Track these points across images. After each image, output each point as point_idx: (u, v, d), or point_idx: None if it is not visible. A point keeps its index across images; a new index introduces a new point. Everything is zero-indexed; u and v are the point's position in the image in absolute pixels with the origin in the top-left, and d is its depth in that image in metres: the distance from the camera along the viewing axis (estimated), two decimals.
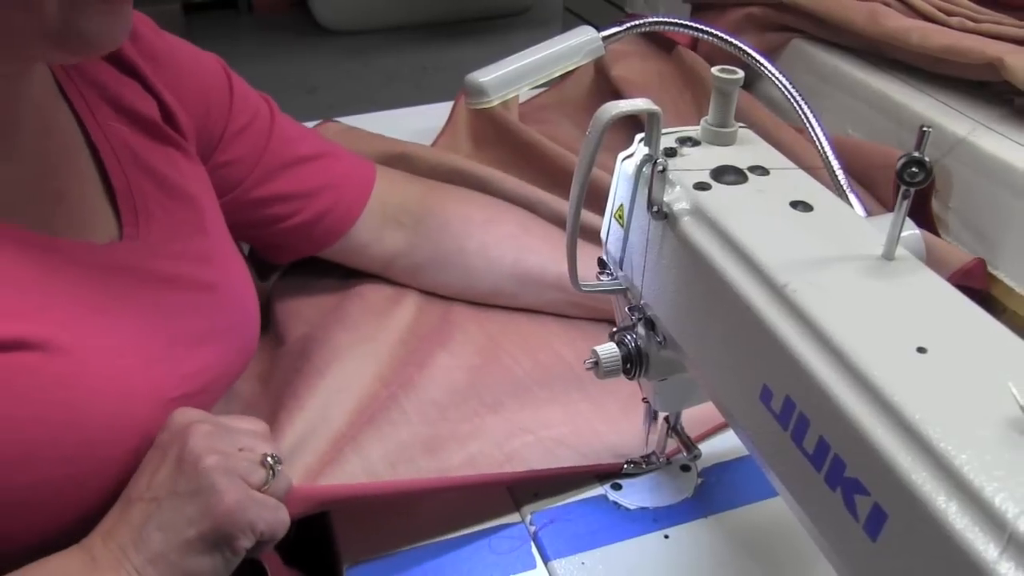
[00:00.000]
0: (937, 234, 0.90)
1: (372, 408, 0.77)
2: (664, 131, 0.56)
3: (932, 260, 0.85)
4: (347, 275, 0.90)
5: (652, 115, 0.52)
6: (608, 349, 0.61)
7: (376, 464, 0.71)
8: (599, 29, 0.84)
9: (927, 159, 0.44)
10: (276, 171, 0.80)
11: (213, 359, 0.66)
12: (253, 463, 0.57)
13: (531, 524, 0.68)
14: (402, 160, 0.97)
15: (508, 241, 0.88)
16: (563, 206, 0.90)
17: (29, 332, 0.53)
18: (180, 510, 0.54)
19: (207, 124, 0.74)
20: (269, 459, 0.58)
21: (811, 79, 1.07)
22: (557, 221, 0.91)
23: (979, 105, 0.91)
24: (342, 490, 0.66)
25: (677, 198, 0.53)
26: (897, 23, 0.97)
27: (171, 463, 0.55)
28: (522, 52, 0.79)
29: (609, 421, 0.76)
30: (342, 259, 0.88)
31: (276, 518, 0.56)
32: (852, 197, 0.73)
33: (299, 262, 0.90)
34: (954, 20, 0.95)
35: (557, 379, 0.81)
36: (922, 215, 0.91)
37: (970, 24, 0.94)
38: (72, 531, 0.55)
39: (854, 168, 0.92)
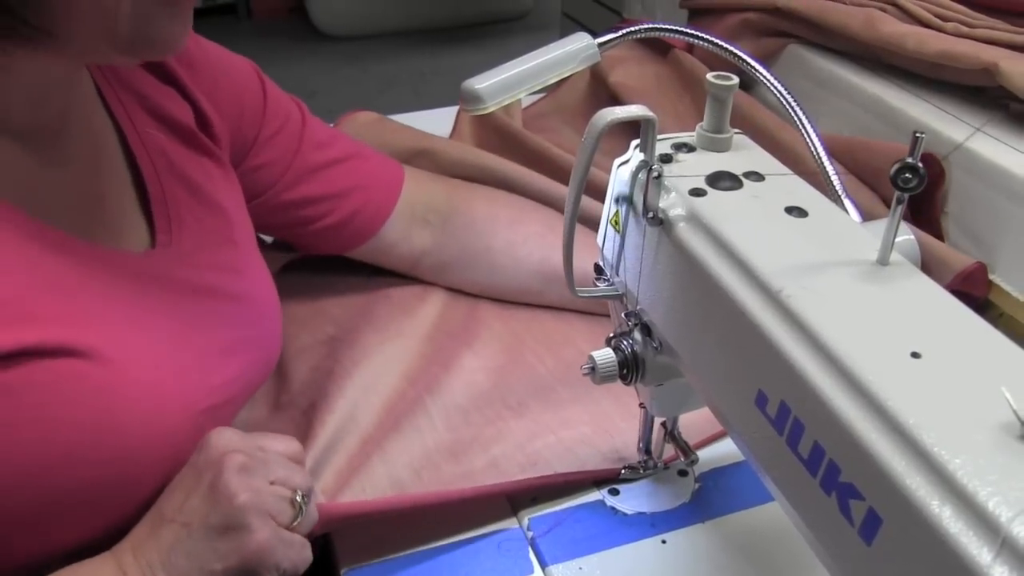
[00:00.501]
0: (942, 238, 0.91)
1: (399, 408, 0.78)
2: (660, 137, 0.57)
3: (935, 263, 0.86)
4: (373, 272, 0.92)
5: (647, 121, 0.53)
6: (604, 354, 0.61)
7: (401, 471, 0.72)
8: (596, 34, 0.84)
9: (920, 165, 0.44)
10: (307, 174, 0.81)
11: (240, 370, 0.67)
12: (283, 500, 0.58)
13: (529, 530, 0.68)
14: (426, 155, 0.98)
15: (535, 240, 0.89)
16: (588, 204, 0.91)
17: (77, 339, 0.54)
18: (210, 542, 0.54)
19: (241, 128, 0.75)
20: (298, 498, 0.58)
21: (807, 84, 1.08)
22: (582, 220, 0.92)
23: (975, 110, 0.91)
24: (358, 507, 0.67)
25: (672, 204, 0.54)
26: (893, 28, 0.97)
27: (204, 491, 0.56)
28: (518, 59, 0.79)
29: (631, 417, 0.77)
30: (371, 258, 0.90)
31: (300, 556, 0.58)
32: (847, 202, 0.73)
33: (324, 260, 0.91)
34: (949, 26, 0.95)
35: (580, 377, 0.81)
36: (928, 218, 0.91)
37: (965, 29, 0.94)
38: (105, 537, 0.56)
39: (865, 167, 0.93)
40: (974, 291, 0.87)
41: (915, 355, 0.42)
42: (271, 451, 0.60)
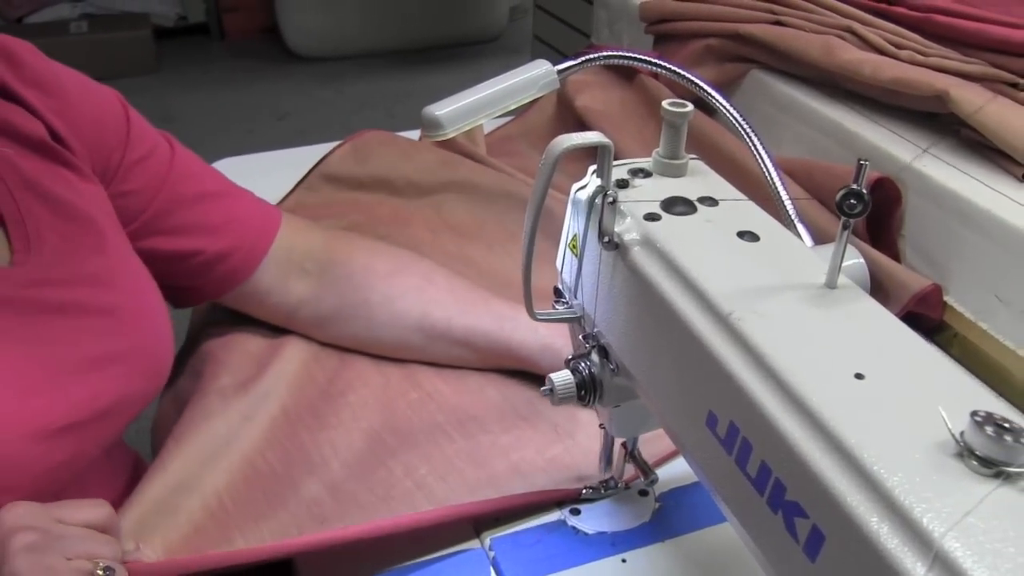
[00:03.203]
0: (899, 259, 0.93)
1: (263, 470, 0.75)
2: (618, 163, 0.58)
3: (892, 284, 0.88)
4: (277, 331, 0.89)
5: (603, 148, 0.54)
6: (563, 377, 0.62)
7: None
8: (565, 57, 0.86)
9: (865, 191, 0.46)
10: (179, 202, 0.78)
11: (111, 383, 0.65)
12: (80, 574, 0.54)
13: (490, 550, 0.69)
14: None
15: (413, 294, 0.86)
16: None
17: None
18: None
19: (103, 152, 0.73)
20: (100, 571, 0.55)
21: (769, 108, 1.10)
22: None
23: (928, 135, 0.93)
24: (184, 563, 0.62)
25: (628, 229, 0.55)
26: (851, 55, 0.99)
27: None
28: (479, 85, 0.81)
29: (592, 438, 0.77)
30: (245, 307, 0.86)
31: None
32: (800, 227, 0.75)
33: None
34: (904, 53, 0.98)
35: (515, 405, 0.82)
36: (886, 240, 0.93)
37: (919, 58, 0.96)
38: None
39: (824, 189, 0.95)
40: (929, 312, 0.89)
41: (859, 376, 0.43)
42: (72, 522, 0.57)
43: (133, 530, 0.66)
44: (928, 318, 0.89)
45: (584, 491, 0.72)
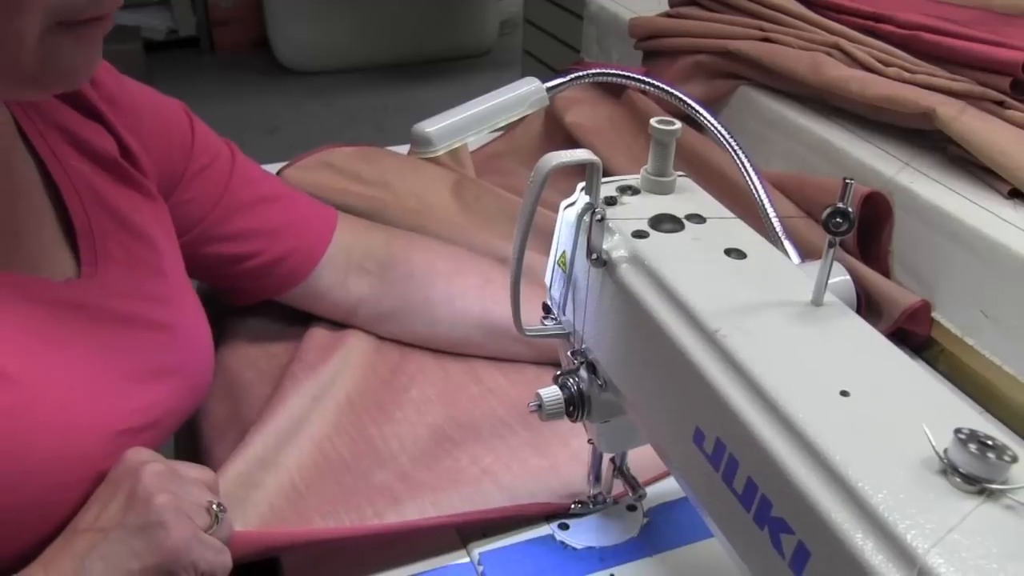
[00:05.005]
0: (889, 274, 0.93)
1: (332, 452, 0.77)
2: (606, 180, 0.59)
3: (882, 300, 0.89)
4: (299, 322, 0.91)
5: (592, 165, 0.54)
6: (551, 392, 0.63)
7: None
8: (555, 71, 0.86)
9: (851, 210, 0.46)
10: (237, 209, 0.81)
11: (164, 395, 0.68)
12: (200, 507, 0.58)
13: (479, 564, 0.69)
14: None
15: (473, 292, 0.88)
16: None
17: None
18: (126, 543, 0.55)
19: (169, 163, 0.75)
20: (215, 507, 0.59)
21: (758, 125, 1.11)
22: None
23: (916, 152, 0.94)
24: (283, 536, 0.67)
25: (616, 246, 0.55)
26: (838, 72, 1.00)
27: (122, 498, 0.57)
28: (468, 102, 0.81)
29: (581, 453, 0.77)
30: (306, 304, 0.89)
31: (219, 560, 0.58)
32: (787, 244, 0.75)
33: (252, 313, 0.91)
34: (891, 71, 0.98)
35: (526, 415, 0.82)
36: (876, 255, 0.94)
37: (906, 75, 0.97)
38: (15, 562, 0.56)
39: (815, 204, 0.95)
40: (918, 328, 0.89)
41: (844, 393, 0.43)
42: (185, 474, 0.61)
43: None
44: (916, 334, 0.90)
45: (573, 506, 0.72)
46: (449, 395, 0.85)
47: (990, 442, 0.38)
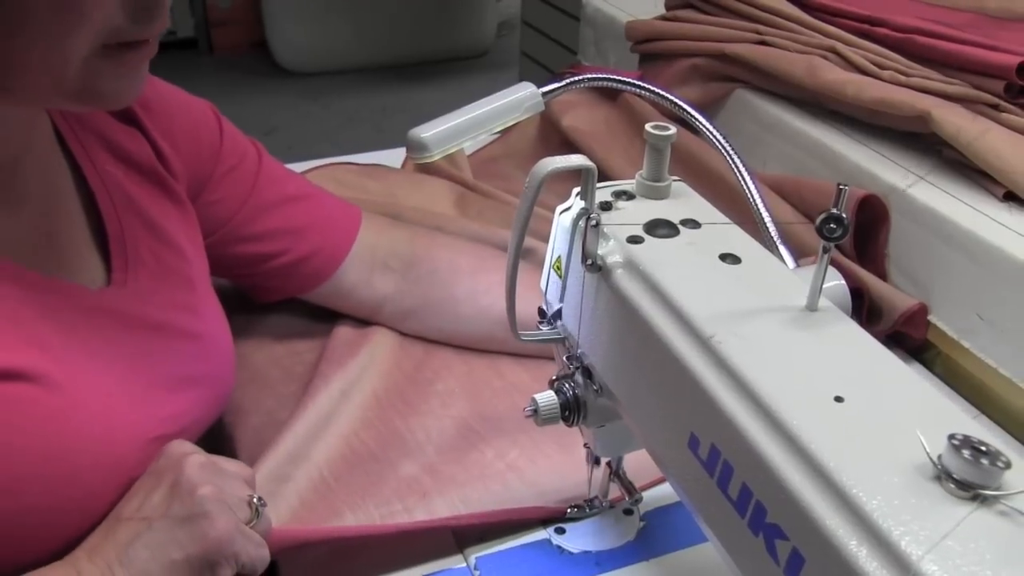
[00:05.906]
0: (885, 277, 0.93)
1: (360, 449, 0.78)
2: (601, 185, 0.59)
3: (880, 304, 0.89)
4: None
5: (587, 171, 0.54)
6: (547, 397, 0.63)
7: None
8: (552, 73, 0.86)
9: (845, 215, 0.46)
10: (263, 209, 0.81)
11: (192, 403, 0.69)
12: (241, 501, 0.59)
13: (475, 568, 0.69)
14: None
15: (497, 289, 0.87)
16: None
17: (27, 365, 0.55)
18: (171, 532, 0.56)
19: (198, 165, 0.76)
20: (255, 500, 0.60)
21: (754, 127, 1.11)
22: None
23: (912, 155, 0.94)
24: (316, 532, 0.67)
25: (611, 251, 0.55)
26: (834, 76, 1.00)
27: (166, 488, 0.58)
28: (464, 107, 0.81)
29: (577, 457, 0.77)
30: (329, 302, 0.89)
31: (259, 553, 0.59)
32: (782, 248, 0.75)
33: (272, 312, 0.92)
34: (886, 74, 0.99)
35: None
36: (873, 257, 0.94)
37: (901, 78, 0.97)
38: (48, 560, 0.57)
39: (813, 207, 0.95)
40: (914, 332, 0.90)
41: (838, 399, 0.44)
42: (225, 468, 0.61)
43: None
44: (912, 337, 0.90)
45: (569, 510, 0.72)
46: (473, 389, 0.86)
47: (984, 448, 0.38)
